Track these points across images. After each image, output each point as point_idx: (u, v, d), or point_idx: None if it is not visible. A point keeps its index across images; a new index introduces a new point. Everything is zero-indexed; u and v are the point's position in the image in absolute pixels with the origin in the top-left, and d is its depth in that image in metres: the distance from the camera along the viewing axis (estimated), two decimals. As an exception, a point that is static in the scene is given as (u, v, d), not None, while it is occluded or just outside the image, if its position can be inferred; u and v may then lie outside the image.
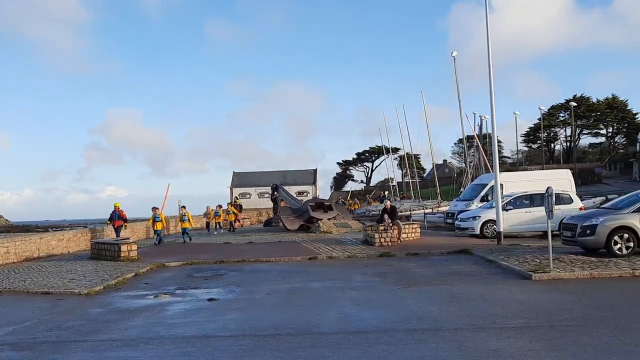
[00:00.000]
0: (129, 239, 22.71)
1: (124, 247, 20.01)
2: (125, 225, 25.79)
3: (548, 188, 14.34)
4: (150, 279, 15.91)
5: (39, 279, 15.59)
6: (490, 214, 23.89)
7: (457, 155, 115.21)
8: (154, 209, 26.19)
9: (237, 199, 42.59)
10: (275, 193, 38.30)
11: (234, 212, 35.21)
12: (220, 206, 35.28)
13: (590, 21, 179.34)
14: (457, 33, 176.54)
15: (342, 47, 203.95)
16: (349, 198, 71.13)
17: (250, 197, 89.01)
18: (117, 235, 24.62)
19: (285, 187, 47.19)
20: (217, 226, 34.57)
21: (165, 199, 31.58)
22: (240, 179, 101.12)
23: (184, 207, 28.22)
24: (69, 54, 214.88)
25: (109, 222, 25.73)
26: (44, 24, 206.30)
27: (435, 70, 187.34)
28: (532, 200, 24.20)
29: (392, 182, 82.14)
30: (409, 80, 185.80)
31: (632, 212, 15.94)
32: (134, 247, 20.51)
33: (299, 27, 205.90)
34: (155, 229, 25.48)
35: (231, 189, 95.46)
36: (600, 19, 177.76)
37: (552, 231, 14.62)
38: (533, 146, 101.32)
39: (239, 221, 36.46)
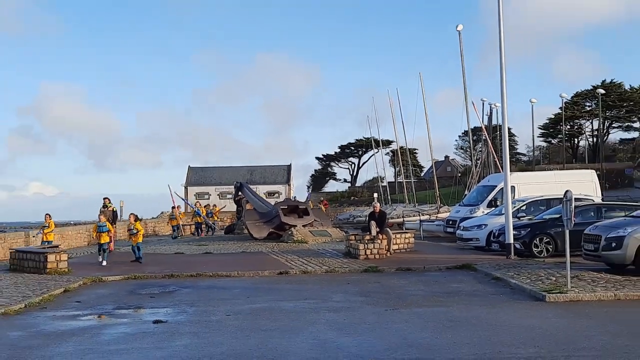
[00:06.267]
0: (58, 246, 22.43)
1: (51, 257, 19.82)
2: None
3: (567, 192, 14.81)
4: (83, 296, 15.96)
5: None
6: (498, 222, 24.03)
7: (461, 150, 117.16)
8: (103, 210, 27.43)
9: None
10: (240, 193, 38.80)
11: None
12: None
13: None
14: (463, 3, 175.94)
15: (339, 12, 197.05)
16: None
17: (209, 198, 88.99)
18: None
19: (253, 187, 49.07)
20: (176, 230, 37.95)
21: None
22: (197, 176, 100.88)
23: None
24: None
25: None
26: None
27: (438, 47, 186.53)
28: (549, 206, 24.64)
29: (382, 182, 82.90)
30: (410, 60, 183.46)
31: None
32: (64, 257, 20.29)
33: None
34: (100, 241, 22.66)
35: (186, 188, 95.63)
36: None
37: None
38: (553, 141, 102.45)
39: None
